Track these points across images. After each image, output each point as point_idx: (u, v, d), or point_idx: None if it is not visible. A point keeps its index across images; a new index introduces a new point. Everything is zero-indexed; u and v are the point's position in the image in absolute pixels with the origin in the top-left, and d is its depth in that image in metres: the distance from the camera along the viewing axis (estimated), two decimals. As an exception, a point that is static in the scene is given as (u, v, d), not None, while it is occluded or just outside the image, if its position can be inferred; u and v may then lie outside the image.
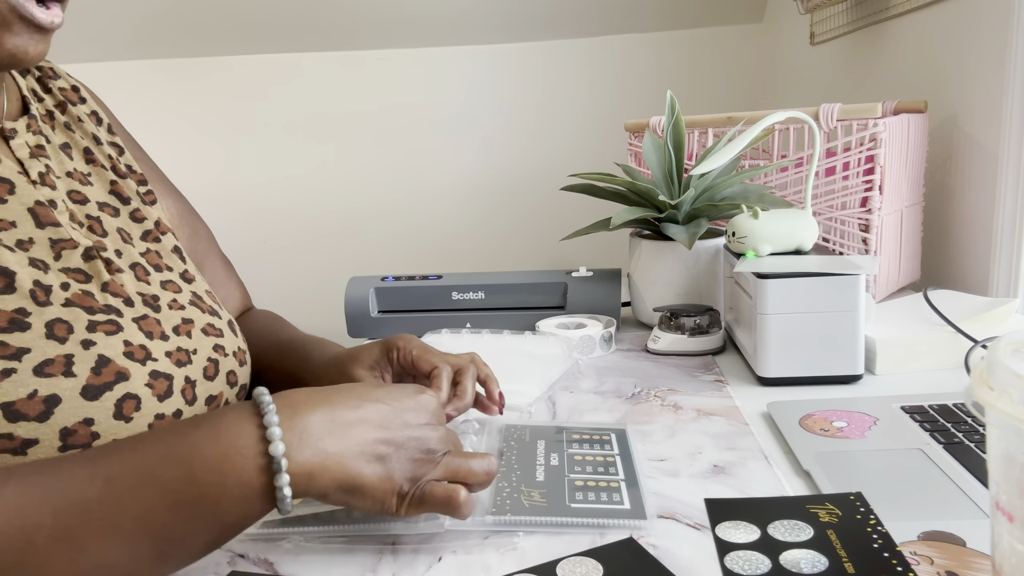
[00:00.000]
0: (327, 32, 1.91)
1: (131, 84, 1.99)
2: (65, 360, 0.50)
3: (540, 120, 2.00)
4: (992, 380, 0.33)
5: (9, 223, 0.53)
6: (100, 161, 0.65)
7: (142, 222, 0.65)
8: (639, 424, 0.65)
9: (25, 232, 0.53)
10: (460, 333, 0.92)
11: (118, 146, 0.68)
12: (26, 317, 0.50)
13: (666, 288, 0.92)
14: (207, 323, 0.63)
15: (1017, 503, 0.33)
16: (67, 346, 0.51)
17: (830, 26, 1.44)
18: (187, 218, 0.75)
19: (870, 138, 0.91)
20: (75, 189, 0.60)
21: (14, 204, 0.54)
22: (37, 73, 0.66)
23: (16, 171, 0.55)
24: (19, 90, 0.62)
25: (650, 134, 0.96)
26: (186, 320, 0.61)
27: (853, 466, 0.54)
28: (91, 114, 0.67)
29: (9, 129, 0.58)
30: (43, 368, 0.49)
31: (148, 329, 0.57)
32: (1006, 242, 0.89)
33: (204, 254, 0.76)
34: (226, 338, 0.64)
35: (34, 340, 0.49)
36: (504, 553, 0.46)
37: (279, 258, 2.08)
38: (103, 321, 0.54)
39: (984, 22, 0.93)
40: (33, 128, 0.60)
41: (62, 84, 0.67)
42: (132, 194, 0.65)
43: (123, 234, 0.62)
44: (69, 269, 0.55)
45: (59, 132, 0.63)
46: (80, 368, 0.50)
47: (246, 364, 0.66)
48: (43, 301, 0.51)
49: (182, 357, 0.58)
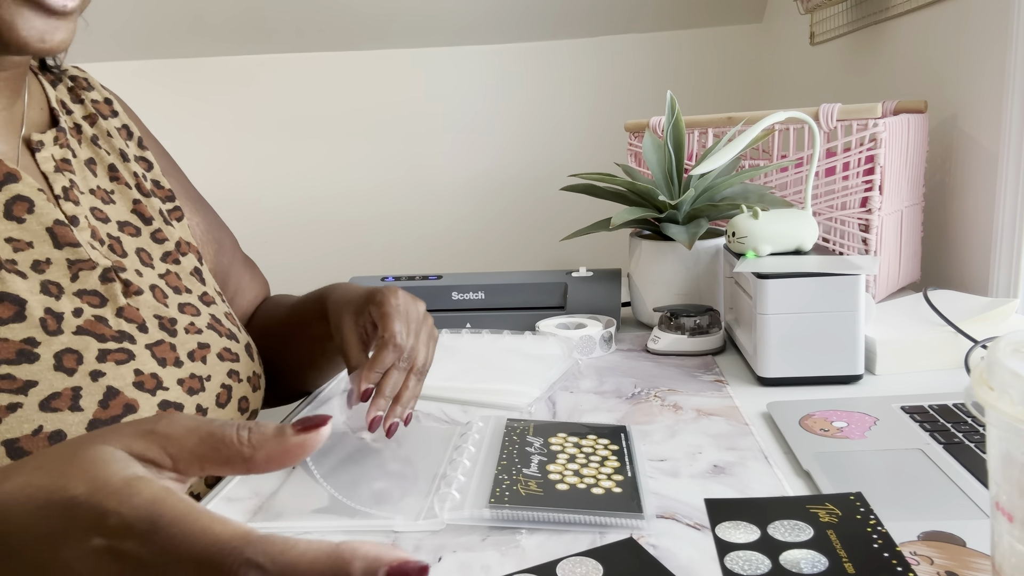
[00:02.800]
0: (327, 32, 1.91)
1: (131, 84, 1.99)
2: (72, 393, 0.49)
3: (540, 120, 2.00)
4: (992, 380, 0.33)
5: (26, 243, 0.52)
6: (125, 179, 0.64)
7: (163, 243, 0.64)
8: (639, 424, 0.65)
9: (42, 253, 0.53)
10: (460, 333, 0.92)
11: (147, 161, 0.67)
12: (35, 347, 0.49)
13: (666, 288, 0.92)
14: (224, 347, 0.62)
15: (1017, 503, 0.33)
16: (75, 378, 0.50)
17: (830, 26, 1.44)
18: (213, 232, 0.74)
19: (870, 138, 0.91)
20: (97, 207, 0.59)
21: (32, 223, 0.53)
22: (70, 83, 0.65)
23: (36, 188, 0.54)
24: (48, 100, 0.61)
25: (650, 134, 0.96)
26: (202, 345, 0.60)
27: (853, 466, 0.54)
28: (122, 128, 0.66)
29: (36, 141, 0.57)
30: (49, 402, 0.48)
31: (162, 356, 0.56)
32: (1006, 242, 0.89)
33: (229, 264, 0.75)
34: (242, 363, 0.63)
35: (42, 372, 0.48)
36: (504, 553, 0.46)
37: (279, 258, 2.07)
38: (115, 349, 0.53)
39: (984, 22, 0.93)
40: (60, 141, 0.59)
41: (95, 96, 0.66)
42: (155, 213, 0.64)
43: (143, 255, 0.61)
44: (85, 292, 0.54)
45: (85, 146, 0.62)
46: (87, 402, 0.49)
47: (259, 389, 0.66)
48: (54, 330, 0.50)
49: (195, 384, 0.57)
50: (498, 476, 0.54)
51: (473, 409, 0.71)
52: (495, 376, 0.75)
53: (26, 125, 0.57)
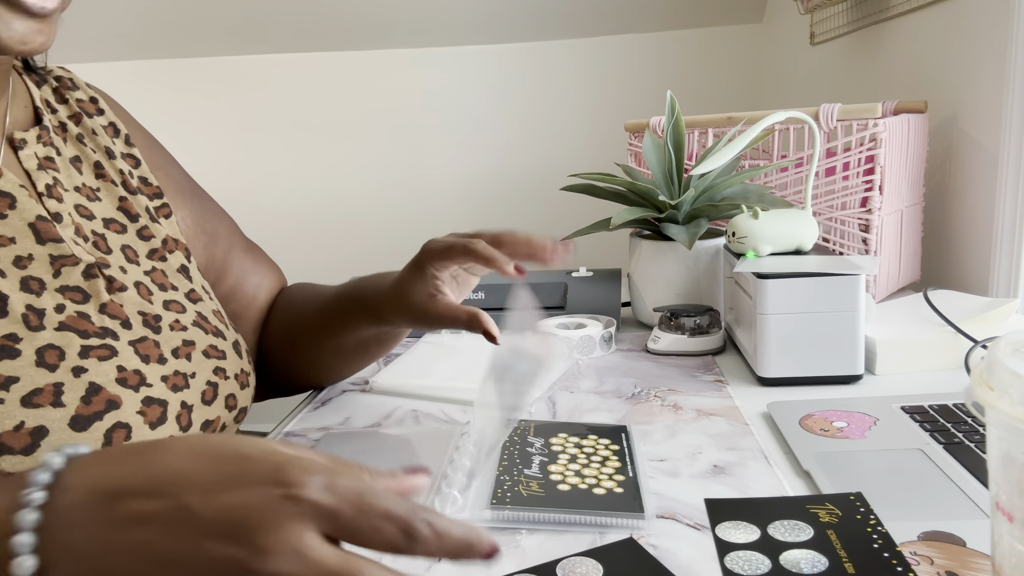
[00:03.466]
0: (326, 32, 1.91)
1: (130, 84, 1.99)
2: (54, 389, 0.49)
3: (540, 120, 2.00)
4: (992, 380, 0.33)
5: (8, 239, 0.52)
6: (111, 176, 0.63)
7: (149, 240, 0.63)
8: (639, 424, 0.65)
9: (24, 248, 0.52)
10: (460, 333, 0.92)
11: (134, 158, 0.67)
12: (16, 343, 0.49)
13: (666, 288, 0.92)
14: (209, 345, 0.61)
15: (1017, 503, 0.33)
16: (57, 374, 0.49)
17: (830, 26, 1.44)
18: (205, 225, 0.73)
19: (870, 138, 0.91)
20: (82, 204, 0.59)
21: (14, 219, 0.53)
22: (55, 83, 0.65)
23: (18, 184, 0.54)
24: (32, 100, 0.61)
25: (650, 134, 0.96)
26: (187, 342, 0.59)
27: (853, 466, 0.54)
28: (108, 126, 0.66)
29: (19, 139, 0.57)
30: (31, 398, 0.48)
31: (145, 352, 0.55)
32: (1006, 242, 0.89)
33: (225, 253, 0.74)
34: (229, 360, 0.63)
35: (24, 368, 0.48)
36: (504, 553, 0.46)
37: (279, 258, 2.06)
38: (97, 345, 0.53)
39: (984, 22, 0.93)
40: (44, 139, 0.59)
41: (80, 95, 0.65)
42: (141, 211, 0.64)
43: (128, 252, 0.61)
44: (67, 288, 0.53)
45: (70, 145, 0.62)
46: (69, 397, 0.49)
47: (248, 387, 0.65)
48: (35, 326, 0.50)
49: (179, 381, 0.57)
50: (499, 477, 0.54)
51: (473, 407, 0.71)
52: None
53: (9, 123, 0.58)
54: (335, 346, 0.72)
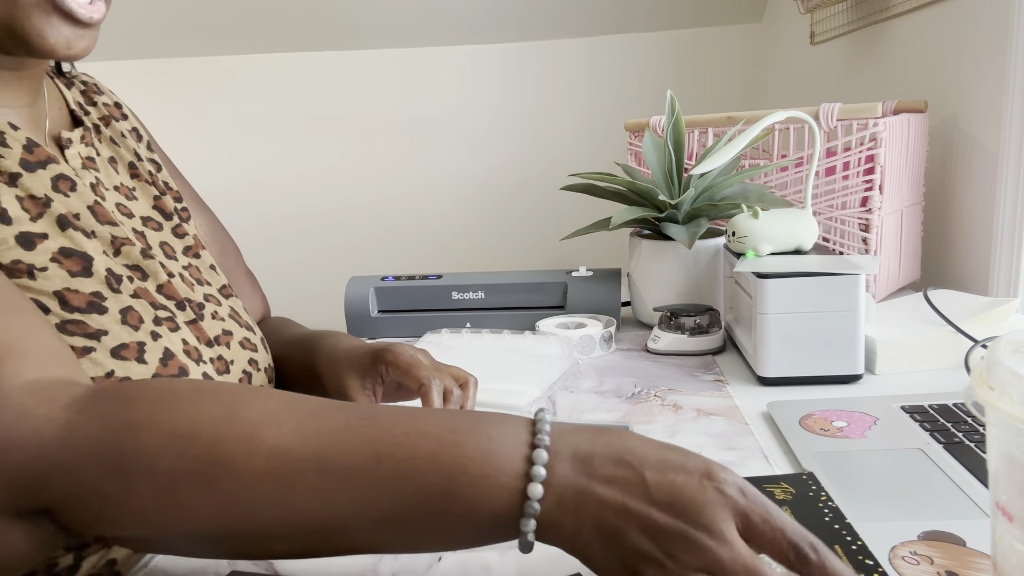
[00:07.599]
0: (326, 32, 1.91)
1: (130, 84, 1.99)
2: (138, 347, 0.52)
3: (540, 120, 2.00)
4: (992, 380, 0.33)
5: (73, 215, 0.54)
6: (144, 176, 0.66)
7: (183, 237, 0.66)
8: (639, 424, 0.65)
9: (88, 225, 0.55)
10: (460, 333, 0.92)
11: (156, 163, 0.69)
12: (103, 301, 0.52)
13: (666, 288, 0.92)
14: (244, 337, 0.64)
15: (1017, 503, 0.33)
16: (139, 334, 0.52)
17: (830, 26, 1.44)
18: (217, 235, 0.76)
19: (870, 138, 0.91)
20: (121, 202, 0.61)
21: (75, 200, 0.55)
22: (82, 87, 0.67)
23: (75, 173, 0.56)
24: (66, 102, 0.63)
25: (650, 134, 0.96)
26: (226, 332, 0.62)
27: (853, 466, 0.54)
28: (132, 131, 0.68)
29: (65, 139, 0.59)
30: (119, 351, 0.50)
31: (197, 333, 0.58)
32: (1006, 242, 0.89)
33: (231, 270, 0.77)
34: (260, 354, 0.65)
35: (111, 324, 0.51)
36: (504, 553, 0.46)
37: (279, 258, 2.08)
38: (165, 317, 0.56)
39: (984, 22, 0.93)
40: (87, 140, 0.61)
41: (105, 100, 0.67)
42: (172, 210, 0.67)
43: (166, 248, 0.63)
44: (129, 266, 0.56)
45: (105, 145, 0.64)
46: (151, 356, 0.52)
47: (273, 383, 0.67)
48: (116, 288, 0.53)
49: (221, 366, 0.59)
50: None
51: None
52: (495, 376, 0.75)
53: (50, 124, 0.59)
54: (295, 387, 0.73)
